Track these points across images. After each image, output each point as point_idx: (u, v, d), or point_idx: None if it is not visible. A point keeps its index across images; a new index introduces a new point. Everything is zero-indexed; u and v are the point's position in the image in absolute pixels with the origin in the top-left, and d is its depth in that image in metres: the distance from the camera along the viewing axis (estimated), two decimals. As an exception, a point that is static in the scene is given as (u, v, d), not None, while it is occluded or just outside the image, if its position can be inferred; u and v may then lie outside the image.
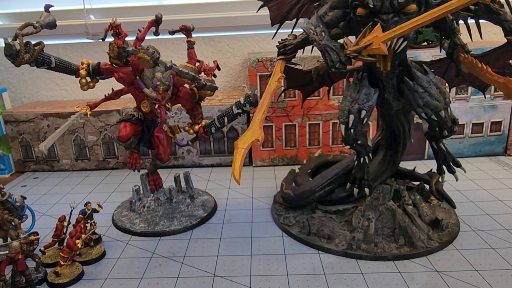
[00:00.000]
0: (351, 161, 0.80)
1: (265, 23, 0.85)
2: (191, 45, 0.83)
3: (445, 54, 0.71)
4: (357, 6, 0.62)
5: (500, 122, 1.15)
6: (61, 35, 1.37)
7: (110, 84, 0.82)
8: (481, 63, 0.64)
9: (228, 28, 1.37)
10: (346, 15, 0.65)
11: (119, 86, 0.81)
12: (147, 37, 0.77)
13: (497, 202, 0.88)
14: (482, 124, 1.15)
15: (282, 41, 0.74)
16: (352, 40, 0.62)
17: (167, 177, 1.08)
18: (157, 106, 0.76)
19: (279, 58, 0.74)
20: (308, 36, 0.64)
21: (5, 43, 0.65)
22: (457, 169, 0.77)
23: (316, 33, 0.63)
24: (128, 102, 1.21)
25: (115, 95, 0.83)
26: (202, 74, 0.80)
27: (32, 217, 0.74)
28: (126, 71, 0.76)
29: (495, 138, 1.16)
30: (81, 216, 0.72)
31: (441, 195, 0.80)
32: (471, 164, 1.11)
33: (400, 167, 0.84)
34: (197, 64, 0.81)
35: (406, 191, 0.77)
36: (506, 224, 0.78)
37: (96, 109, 0.84)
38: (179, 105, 0.83)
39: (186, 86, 0.81)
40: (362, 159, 0.74)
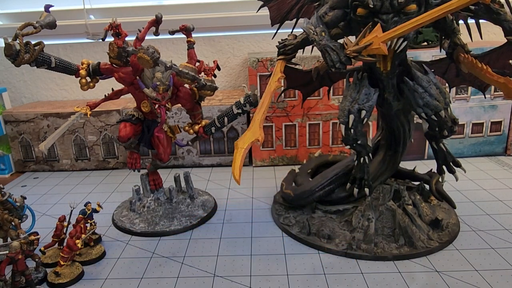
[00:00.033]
0: (351, 161, 0.80)
1: (265, 23, 0.85)
2: (191, 45, 0.83)
3: (445, 54, 0.71)
4: (357, 6, 0.62)
5: (500, 122, 1.15)
6: (61, 35, 1.37)
7: (110, 84, 0.82)
8: (481, 63, 0.64)
9: (228, 28, 1.37)
10: (346, 15, 0.65)
11: (119, 86, 0.81)
12: (147, 37, 0.77)
13: (497, 202, 0.88)
14: (482, 124, 1.15)
15: (282, 41, 0.74)
16: (352, 40, 0.62)
17: (167, 177, 1.08)
18: (157, 106, 0.76)
19: (279, 58, 0.74)
20: (308, 36, 0.64)
21: (5, 43, 0.65)
22: (457, 169, 0.77)
23: (316, 33, 0.63)
24: (128, 102, 1.21)
25: (115, 95, 0.83)
26: (202, 74, 0.80)
27: (32, 217, 0.74)
28: (126, 71, 0.76)
29: (495, 138, 1.16)
30: (81, 216, 0.72)
31: (441, 195, 0.80)
32: (471, 164, 1.11)
33: (400, 167, 0.84)
34: (197, 64, 0.81)
35: (406, 191, 0.77)
36: (506, 224, 0.78)
37: (96, 109, 0.84)
38: (179, 105, 0.83)
39: (186, 86, 0.81)
40: (362, 159, 0.74)
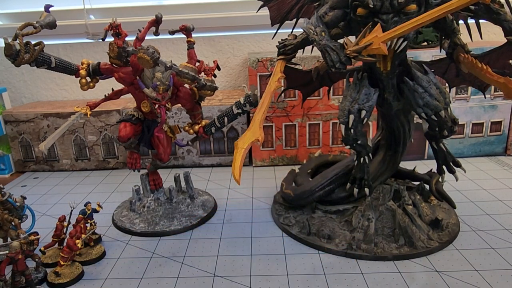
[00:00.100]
0: (351, 161, 0.80)
1: (265, 23, 0.85)
2: (191, 45, 0.83)
3: (445, 54, 0.71)
4: (357, 6, 0.62)
5: (500, 122, 1.15)
6: (61, 35, 1.37)
7: (110, 84, 0.82)
8: (481, 63, 0.64)
9: (228, 28, 1.37)
10: (346, 15, 0.65)
11: (119, 86, 0.81)
12: (147, 37, 0.77)
13: (497, 202, 0.88)
14: (482, 124, 1.15)
15: (282, 41, 0.74)
16: (352, 40, 0.62)
17: (167, 177, 1.08)
18: (157, 106, 0.76)
19: (279, 58, 0.74)
20: (308, 36, 0.64)
21: (5, 43, 0.65)
22: (457, 169, 0.77)
23: (316, 33, 0.63)
24: (128, 102, 1.21)
25: (115, 95, 0.83)
26: (202, 74, 0.80)
27: (32, 217, 0.74)
28: (126, 71, 0.76)
29: (495, 138, 1.16)
30: (81, 216, 0.72)
31: (441, 195, 0.80)
32: (471, 164, 1.11)
33: (400, 167, 0.84)
34: (197, 64, 0.81)
35: (406, 191, 0.77)
36: (506, 224, 0.78)
37: (96, 109, 0.84)
38: (179, 105, 0.83)
39: (186, 86, 0.81)
40: (362, 159, 0.74)
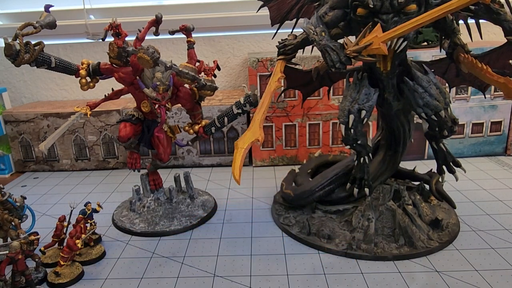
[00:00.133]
0: (351, 161, 0.80)
1: (265, 23, 0.85)
2: (191, 45, 0.83)
3: (445, 54, 0.71)
4: (357, 6, 0.62)
5: (500, 122, 1.15)
6: (61, 35, 1.37)
7: (110, 84, 0.82)
8: (481, 63, 0.64)
9: (228, 28, 1.37)
10: (346, 15, 0.65)
11: (119, 86, 0.81)
12: (147, 37, 0.77)
13: (497, 202, 0.88)
14: (482, 124, 1.15)
15: (282, 41, 0.74)
16: (352, 40, 0.62)
17: (167, 177, 1.08)
18: (157, 106, 0.76)
19: (279, 58, 0.74)
20: (308, 36, 0.64)
21: (5, 43, 0.65)
22: (457, 169, 0.77)
23: (316, 33, 0.63)
24: (128, 102, 1.21)
25: (115, 95, 0.83)
26: (202, 74, 0.80)
27: (32, 217, 0.74)
28: (126, 71, 0.76)
29: (495, 138, 1.16)
30: (81, 216, 0.72)
31: (441, 195, 0.80)
32: (471, 164, 1.11)
33: (400, 167, 0.84)
34: (197, 64, 0.81)
35: (406, 191, 0.77)
36: (506, 224, 0.78)
37: (96, 109, 0.84)
38: (179, 105, 0.83)
39: (186, 86, 0.81)
40: (362, 159, 0.74)
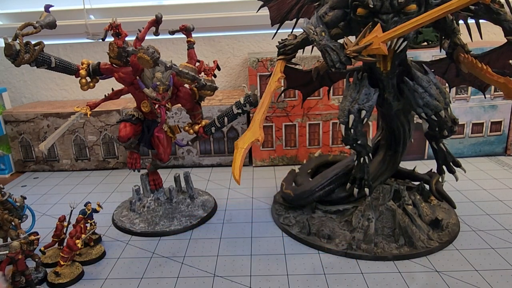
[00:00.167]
0: (351, 161, 0.80)
1: (265, 23, 0.85)
2: (191, 45, 0.83)
3: (445, 54, 0.71)
4: (357, 6, 0.62)
5: (500, 122, 1.15)
6: (61, 35, 1.37)
7: (110, 84, 0.82)
8: (481, 63, 0.64)
9: (228, 28, 1.37)
10: (346, 15, 0.65)
11: (119, 86, 0.81)
12: (147, 37, 0.77)
13: (497, 202, 0.88)
14: (482, 124, 1.15)
15: (282, 41, 0.74)
16: (352, 40, 0.62)
17: (167, 177, 1.08)
18: (157, 106, 0.76)
19: (279, 58, 0.74)
20: (308, 36, 0.64)
21: (5, 43, 0.65)
22: (457, 169, 0.77)
23: (316, 33, 0.63)
24: (128, 102, 1.21)
25: (115, 95, 0.83)
26: (202, 74, 0.80)
27: (32, 217, 0.74)
28: (126, 71, 0.76)
29: (495, 138, 1.16)
30: (81, 216, 0.72)
31: (441, 195, 0.80)
32: (471, 164, 1.11)
33: (400, 167, 0.84)
34: (197, 64, 0.81)
35: (406, 191, 0.77)
36: (506, 224, 0.78)
37: (96, 109, 0.84)
38: (179, 105, 0.83)
39: (186, 86, 0.81)
40: (362, 159, 0.74)
